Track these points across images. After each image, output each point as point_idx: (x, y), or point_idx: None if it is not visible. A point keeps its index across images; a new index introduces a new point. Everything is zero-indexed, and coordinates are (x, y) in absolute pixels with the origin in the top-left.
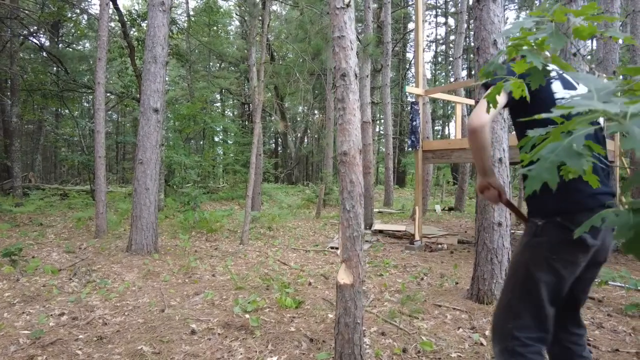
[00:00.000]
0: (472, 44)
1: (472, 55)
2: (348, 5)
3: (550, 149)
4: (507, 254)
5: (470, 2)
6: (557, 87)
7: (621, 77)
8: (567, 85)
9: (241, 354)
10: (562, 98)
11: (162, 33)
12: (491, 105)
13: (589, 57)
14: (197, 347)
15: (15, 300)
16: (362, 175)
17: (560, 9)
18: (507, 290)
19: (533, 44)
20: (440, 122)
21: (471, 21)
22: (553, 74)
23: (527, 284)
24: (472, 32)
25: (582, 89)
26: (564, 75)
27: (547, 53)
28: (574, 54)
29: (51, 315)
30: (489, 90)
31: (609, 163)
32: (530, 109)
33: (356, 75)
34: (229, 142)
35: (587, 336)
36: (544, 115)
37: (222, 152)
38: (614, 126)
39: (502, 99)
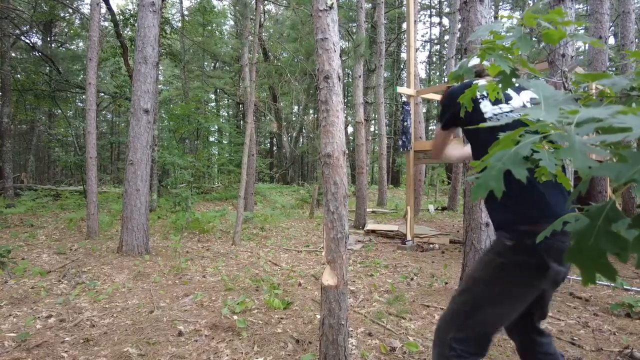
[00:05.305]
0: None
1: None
2: (331, 8)
3: (498, 156)
4: None
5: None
6: (484, 106)
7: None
8: (498, 101)
9: (227, 355)
10: (493, 116)
11: (152, 34)
12: (466, 107)
13: (581, 57)
14: (183, 349)
15: (3, 302)
16: (357, 175)
17: (530, 13)
18: (457, 301)
19: (501, 48)
20: (435, 122)
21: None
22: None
23: (480, 302)
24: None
25: (516, 100)
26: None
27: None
28: (562, 55)
29: (38, 317)
30: (464, 93)
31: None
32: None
33: (339, 77)
34: (224, 142)
35: (553, 344)
36: (488, 124)
37: (216, 152)
38: (555, 135)
39: (444, 134)
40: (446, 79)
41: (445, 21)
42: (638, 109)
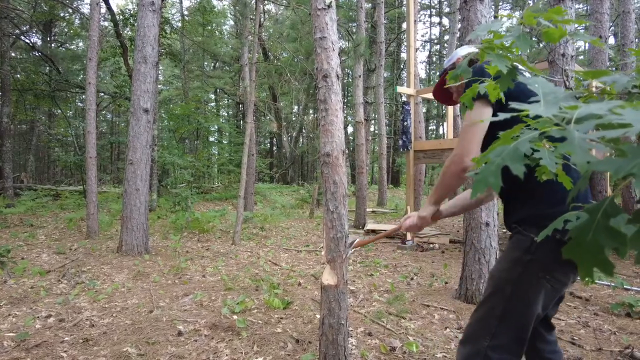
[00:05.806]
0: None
1: None
2: (329, 6)
3: (498, 152)
4: (494, 254)
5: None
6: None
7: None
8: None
9: (227, 355)
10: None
11: (152, 33)
12: (467, 107)
13: (581, 57)
14: (183, 349)
15: (2, 302)
16: (357, 175)
17: (529, 12)
18: (487, 306)
19: (501, 47)
20: (435, 121)
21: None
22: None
23: (514, 305)
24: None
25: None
26: None
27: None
28: (563, 54)
29: (38, 317)
30: (465, 93)
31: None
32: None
33: (338, 76)
34: (224, 142)
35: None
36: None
37: (216, 152)
38: (555, 131)
39: (488, 112)
40: None
41: (445, 21)
42: (638, 103)
